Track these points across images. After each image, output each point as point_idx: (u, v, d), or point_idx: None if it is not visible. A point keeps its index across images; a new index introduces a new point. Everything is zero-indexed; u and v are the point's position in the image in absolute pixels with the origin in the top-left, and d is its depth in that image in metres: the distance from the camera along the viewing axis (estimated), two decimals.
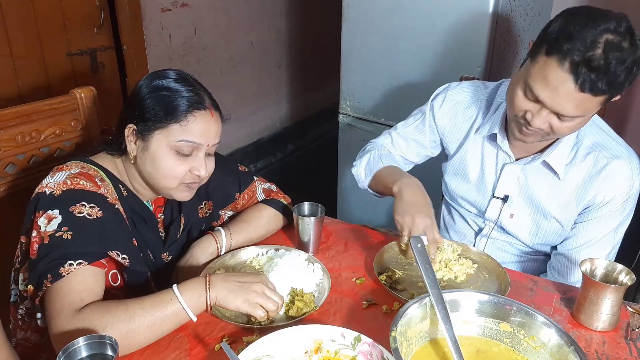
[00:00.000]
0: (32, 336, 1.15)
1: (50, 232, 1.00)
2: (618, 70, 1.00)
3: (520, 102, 1.14)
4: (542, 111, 1.11)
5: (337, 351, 0.93)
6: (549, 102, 1.08)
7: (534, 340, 0.94)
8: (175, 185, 1.12)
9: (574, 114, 1.07)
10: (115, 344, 0.82)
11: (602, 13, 1.04)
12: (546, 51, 1.06)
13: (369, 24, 2.33)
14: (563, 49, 1.02)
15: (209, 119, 1.10)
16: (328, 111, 4.01)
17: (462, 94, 1.42)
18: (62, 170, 1.07)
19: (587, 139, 1.25)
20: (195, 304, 0.99)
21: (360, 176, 1.50)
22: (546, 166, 1.28)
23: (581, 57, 1.00)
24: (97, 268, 1.00)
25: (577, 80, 1.02)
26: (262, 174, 1.45)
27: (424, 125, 1.47)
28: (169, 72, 1.11)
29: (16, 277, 1.12)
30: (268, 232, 1.36)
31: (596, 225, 1.27)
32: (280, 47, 3.74)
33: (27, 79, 2.20)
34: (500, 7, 2.02)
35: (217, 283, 1.01)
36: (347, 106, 2.56)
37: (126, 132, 1.11)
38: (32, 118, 1.31)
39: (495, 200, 1.37)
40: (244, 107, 3.51)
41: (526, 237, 1.38)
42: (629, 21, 1.04)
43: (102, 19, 2.43)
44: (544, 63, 1.06)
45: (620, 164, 1.22)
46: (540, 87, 1.07)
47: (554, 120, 1.11)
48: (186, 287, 0.99)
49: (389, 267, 1.24)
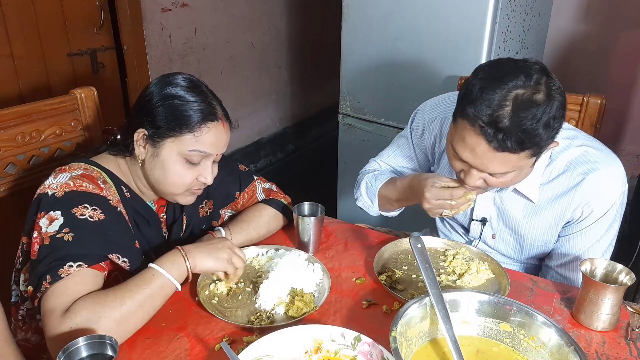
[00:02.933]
0: (33, 337, 1.15)
1: (51, 233, 1.00)
2: (532, 125, 0.98)
3: (452, 162, 1.14)
4: (471, 170, 1.10)
5: (337, 351, 0.93)
6: (472, 162, 1.07)
7: (533, 340, 0.94)
8: (182, 191, 1.14)
9: (501, 170, 1.06)
10: (115, 344, 0.83)
11: (511, 67, 1.02)
12: (460, 114, 1.06)
13: (369, 24, 2.33)
14: (469, 113, 1.01)
15: (220, 130, 1.12)
16: (328, 111, 4.01)
17: (434, 112, 1.40)
18: (65, 171, 1.08)
19: (560, 157, 1.21)
20: (177, 275, 1.02)
21: (367, 204, 1.49)
22: (519, 193, 1.26)
23: (488, 119, 0.99)
24: (96, 271, 1.01)
25: (490, 142, 1.01)
26: (262, 174, 1.46)
27: (410, 149, 1.47)
28: (180, 79, 1.12)
29: (17, 278, 1.12)
30: (268, 232, 1.36)
31: (580, 239, 1.25)
32: (280, 47, 3.75)
33: (27, 79, 2.21)
34: (500, 7, 2.02)
35: (191, 250, 1.05)
36: (347, 106, 2.56)
37: (136, 136, 1.11)
38: (33, 118, 1.31)
39: (474, 222, 1.37)
40: (244, 107, 3.51)
41: (512, 253, 1.38)
42: (544, 70, 1.01)
43: (103, 19, 2.43)
44: (460, 125, 1.06)
45: (595, 178, 1.18)
46: (460, 149, 1.07)
47: (488, 177, 1.10)
48: (164, 261, 1.03)
49: (389, 267, 1.24)
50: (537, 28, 2.45)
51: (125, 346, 0.97)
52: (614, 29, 2.78)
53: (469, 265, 1.23)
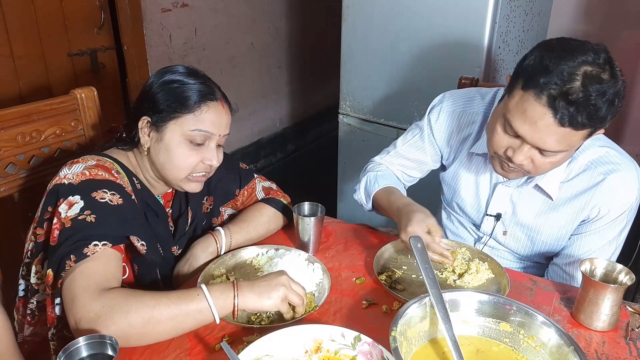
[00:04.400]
0: (41, 330, 1.15)
1: (72, 216, 1.00)
2: (599, 102, 0.98)
3: (500, 138, 1.11)
4: (523, 146, 1.07)
5: (337, 351, 0.93)
6: (529, 137, 1.05)
7: (533, 340, 0.94)
8: (185, 175, 1.15)
9: (556, 148, 1.04)
10: (115, 344, 0.83)
11: (579, 45, 1.02)
12: (522, 86, 1.03)
13: (369, 24, 2.33)
14: (539, 82, 0.99)
15: (220, 109, 1.15)
16: (328, 111, 4.01)
17: (457, 104, 1.39)
18: (78, 162, 1.09)
19: (581, 156, 1.22)
20: (221, 306, 0.97)
21: (362, 201, 1.50)
22: (539, 189, 1.26)
23: (559, 91, 0.97)
24: (117, 252, 1.02)
25: (556, 114, 0.99)
26: (262, 174, 1.46)
27: (423, 142, 1.45)
28: (179, 67, 1.16)
29: (26, 272, 1.12)
30: (268, 231, 1.36)
31: (592, 238, 1.25)
32: (280, 47, 3.75)
33: (27, 79, 2.21)
34: (500, 7, 2.02)
35: (244, 289, 1.00)
36: (347, 106, 2.56)
37: (140, 124, 1.14)
38: (33, 118, 1.31)
39: (488, 217, 1.37)
40: (244, 107, 3.51)
41: (521, 250, 1.38)
42: (608, 52, 1.01)
43: (103, 20, 2.43)
44: (521, 98, 1.03)
45: (616, 179, 1.19)
46: (519, 122, 1.05)
47: (536, 156, 1.08)
48: (214, 288, 0.99)
49: (389, 267, 1.24)
50: (537, 28, 2.45)
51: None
52: (614, 29, 2.78)
53: (469, 265, 1.23)
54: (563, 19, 2.84)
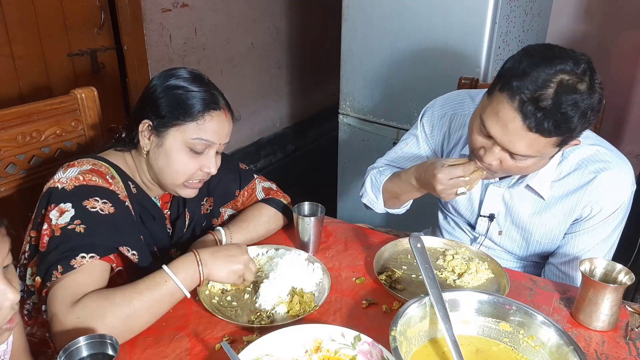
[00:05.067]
0: (39, 331, 1.15)
1: (62, 224, 1.00)
2: (569, 112, 0.98)
3: (475, 137, 1.13)
4: (494, 148, 1.09)
5: (337, 350, 0.93)
6: (499, 138, 1.06)
7: (533, 339, 0.94)
8: (182, 181, 1.15)
9: (524, 153, 1.06)
10: (115, 344, 0.83)
11: (562, 53, 1.02)
12: (500, 87, 1.05)
13: (369, 24, 2.33)
14: (513, 86, 1.01)
15: (223, 119, 1.14)
16: (328, 111, 4.01)
17: (448, 108, 1.40)
18: (74, 166, 1.09)
19: (572, 155, 1.22)
20: (189, 282, 1.03)
21: (372, 200, 1.48)
22: (530, 189, 1.27)
23: (530, 96, 0.99)
24: (105, 263, 1.02)
25: (525, 119, 1.00)
26: (262, 174, 1.46)
27: (419, 146, 1.46)
28: (182, 71, 1.15)
29: (23, 273, 1.12)
30: (268, 231, 1.36)
31: (585, 236, 1.25)
32: (280, 47, 3.75)
33: (27, 79, 2.21)
34: (500, 7, 2.03)
35: (207, 258, 1.05)
36: (347, 106, 2.56)
37: (141, 127, 1.13)
38: (33, 118, 1.31)
39: (481, 218, 1.37)
40: (244, 107, 3.51)
41: (517, 250, 1.38)
42: (590, 63, 1.01)
43: (103, 20, 2.43)
44: (497, 99, 1.05)
45: (606, 177, 1.19)
46: (491, 123, 1.07)
47: (506, 159, 1.10)
48: (177, 266, 1.02)
49: (388, 267, 1.24)
50: (536, 28, 2.45)
51: (126, 345, 0.97)
52: (614, 28, 2.78)
53: (469, 265, 1.23)
54: (563, 19, 2.84)
